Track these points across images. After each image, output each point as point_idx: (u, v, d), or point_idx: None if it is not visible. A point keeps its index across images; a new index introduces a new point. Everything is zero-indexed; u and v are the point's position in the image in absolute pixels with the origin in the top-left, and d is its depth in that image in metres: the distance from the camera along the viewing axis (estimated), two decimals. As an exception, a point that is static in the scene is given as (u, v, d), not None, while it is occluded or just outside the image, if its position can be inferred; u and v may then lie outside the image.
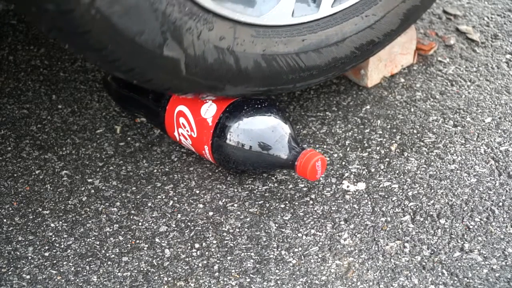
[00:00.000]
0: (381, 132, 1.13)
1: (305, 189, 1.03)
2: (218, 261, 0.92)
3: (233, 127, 0.98)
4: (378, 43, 1.08)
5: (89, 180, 1.04)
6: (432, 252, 0.93)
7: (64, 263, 0.92)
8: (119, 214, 0.99)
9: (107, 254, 0.93)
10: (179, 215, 0.99)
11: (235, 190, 1.03)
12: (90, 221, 0.98)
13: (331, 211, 0.99)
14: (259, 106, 1.00)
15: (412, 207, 1.00)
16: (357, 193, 1.02)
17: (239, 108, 0.99)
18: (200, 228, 0.97)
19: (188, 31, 0.86)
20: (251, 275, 0.90)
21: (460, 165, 1.07)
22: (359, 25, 1.03)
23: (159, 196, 1.02)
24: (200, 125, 1.01)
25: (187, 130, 1.02)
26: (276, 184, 1.04)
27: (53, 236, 0.96)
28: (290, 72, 0.99)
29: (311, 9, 0.99)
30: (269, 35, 0.95)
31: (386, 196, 1.01)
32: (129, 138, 1.12)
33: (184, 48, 0.86)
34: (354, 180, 1.04)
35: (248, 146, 0.98)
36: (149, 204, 1.00)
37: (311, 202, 1.01)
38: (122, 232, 0.96)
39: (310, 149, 0.97)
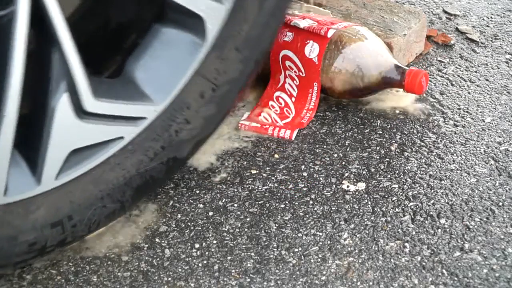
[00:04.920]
0: (381, 132, 1.13)
1: (305, 189, 1.03)
2: (218, 261, 0.92)
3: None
4: None
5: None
6: (432, 252, 0.93)
7: (64, 263, 0.92)
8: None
9: (107, 254, 0.93)
10: (179, 215, 0.99)
11: (235, 190, 1.03)
12: (90, 221, 0.98)
13: (331, 211, 0.99)
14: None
15: (412, 207, 1.00)
16: (357, 193, 1.02)
17: None
18: (200, 228, 0.97)
19: None
20: (251, 275, 0.90)
21: (460, 165, 1.07)
22: None
23: (159, 196, 1.02)
24: (307, 65, 1.11)
25: (295, 72, 1.12)
26: (276, 184, 1.04)
27: (53, 236, 0.96)
28: None
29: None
30: None
31: (386, 196, 1.01)
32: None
33: None
34: (354, 180, 1.04)
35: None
36: (149, 204, 1.00)
37: (311, 202, 1.01)
38: (122, 232, 0.96)
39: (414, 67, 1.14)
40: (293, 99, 1.14)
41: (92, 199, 0.86)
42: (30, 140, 0.82)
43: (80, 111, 0.81)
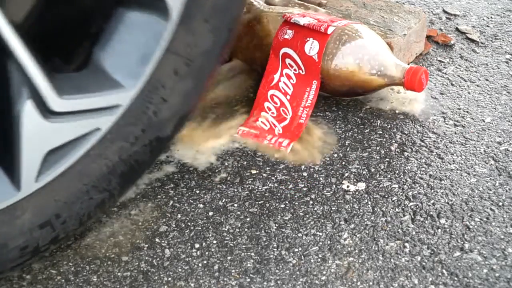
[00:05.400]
0: (381, 132, 1.13)
1: (305, 189, 1.03)
2: (218, 261, 0.92)
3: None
4: None
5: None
6: (432, 252, 0.93)
7: (64, 263, 0.92)
8: (119, 213, 0.99)
9: (107, 254, 0.93)
10: (179, 215, 0.99)
11: (235, 190, 1.03)
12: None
13: (331, 211, 0.99)
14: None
15: (412, 207, 1.00)
16: (357, 193, 1.02)
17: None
18: (200, 228, 0.97)
19: None
20: (251, 275, 0.90)
21: (460, 165, 1.07)
22: None
23: (159, 196, 1.02)
24: (307, 62, 1.11)
25: (295, 70, 1.12)
26: (276, 184, 1.04)
27: (53, 236, 0.96)
28: None
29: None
30: None
31: (386, 196, 1.01)
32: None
33: None
34: (354, 180, 1.04)
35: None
36: (149, 204, 1.00)
37: (311, 202, 1.01)
38: (122, 232, 0.96)
39: (414, 65, 1.13)
40: (288, 97, 1.14)
41: (77, 193, 0.86)
42: (3, 149, 0.81)
43: (48, 113, 0.80)
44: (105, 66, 0.86)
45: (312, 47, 1.11)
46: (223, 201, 1.01)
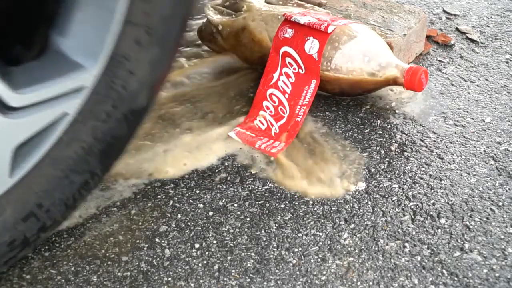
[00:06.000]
0: (381, 132, 1.13)
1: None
2: (218, 261, 0.92)
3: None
4: None
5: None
6: (432, 252, 0.93)
7: (64, 263, 0.92)
8: (119, 213, 0.99)
9: (107, 254, 0.93)
10: (179, 215, 0.99)
11: (235, 190, 1.03)
12: (90, 221, 0.98)
13: (331, 211, 0.99)
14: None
15: (412, 207, 1.00)
16: (357, 193, 1.02)
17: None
18: (200, 228, 0.97)
19: None
20: (251, 275, 0.90)
21: (460, 165, 1.07)
22: None
23: (159, 196, 1.02)
24: (307, 61, 1.12)
25: (294, 68, 1.12)
26: (276, 184, 1.04)
27: (53, 236, 0.95)
28: None
29: None
30: None
31: (386, 196, 1.01)
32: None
33: None
34: (354, 180, 1.04)
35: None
36: (149, 204, 1.00)
37: (311, 202, 1.01)
38: (122, 232, 0.96)
39: (414, 65, 1.13)
40: (287, 95, 1.14)
41: (56, 180, 0.85)
42: None
43: (6, 110, 0.79)
44: (63, 50, 0.84)
45: (312, 46, 1.11)
46: (223, 201, 1.01)
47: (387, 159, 1.08)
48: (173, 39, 0.89)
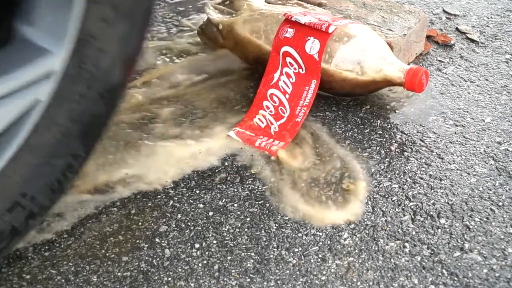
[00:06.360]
0: (381, 132, 1.13)
1: (305, 188, 1.03)
2: (218, 261, 0.92)
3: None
4: None
5: (89, 178, 1.04)
6: (432, 252, 0.93)
7: (64, 263, 0.92)
8: (119, 213, 0.99)
9: (107, 254, 0.93)
10: (179, 215, 0.99)
11: (235, 190, 1.03)
12: (90, 221, 0.98)
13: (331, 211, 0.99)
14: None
15: (412, 207, 1.00)
16: (357, 193, 1.02)
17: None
18: (200, 228, 0.97)
19: None
20: (251, 275, 0.90)
21: (460, 165, 1.07)
22: None
23: (159, 196, 1.02)
24: (308, 61, 1.12)
25: (295, 68, 1.12)
26: (276, 184, 1.04)
27: (53, 236, 0.95)
28: None
29: None
30: None
31: (386, 196, 1.01)
32: (129, 138, 1.12)
33: None
34: (354, 180, 1.04)
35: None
36: (149, 204, 1.00)
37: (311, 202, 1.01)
38: (122, 232, 0.96)
39: (415, 65, 1.13)
40: (287, 96, 1.14)
41: (37, 168, 0.84)
42: None
43: None
44: (28, 37, 0.83)
45: (313, 46, 1.11)
46: (223, 201, 1.01)
47: (387, 159, 1.08)
48: (141, 12, 0.87)
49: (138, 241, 0.95)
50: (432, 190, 1.02)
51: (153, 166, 1.07)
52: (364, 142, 1.12)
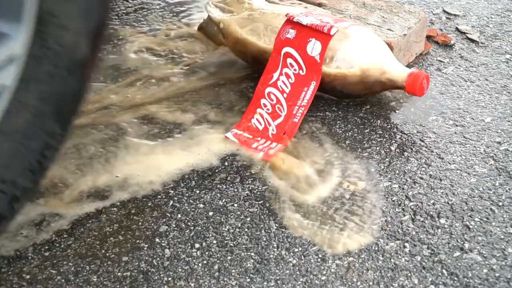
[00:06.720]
0: (381, 132, 1.13)
1: (305, 188, 1.03)
2: (218, 261, 0.92)
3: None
4: None
5: (89, 178, 1.04)
6: (432, 252, 0.93)
7: (64, 263, 0.92)
8: (119, 214, 0.99)
9: (107, 254, 0.93)
10: (179, 215, 0.99)
11: (235, 190, 1.03)
12: (90, 221, 0.98)
13: (331, 211, 0.99)
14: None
15: (412, 207, 1.00)
16: (357, 193, 1.02)
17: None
18: (200, 228, 0.97)
19: None
20: (251, 275, 0.90)
21: (460, 165, 1.07)
22: None
23: (159, 196, 1.02)
24: (309, 62, 1.12)
25: (295, 69, 1.12)
26: (276, 184, 1.03)
27: (53, 236, 0.95)
28: None
29: None
30: None
31: (386, 196, 1.01)
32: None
33: None
34: (354, 180, 1.04)
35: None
36: (149, 204, 1.00)
37: (311, 202, 1.01)
38: (122, 232, 0.96)
39: (416, 69, 1.13)
40: (285, 95, 1.13)
41: (12, 152, 0.83)
42: None
43: None
44: None
45: (314, 47, 1.11)
46: (223, 201, 1.01)
47: (387, 159, 1.08)
48: None
49: (138, 241, 0.95)
50: (432, 190, 1.02)
51: (153, 166, 1.07)
52: (364, 142, 1.12)
